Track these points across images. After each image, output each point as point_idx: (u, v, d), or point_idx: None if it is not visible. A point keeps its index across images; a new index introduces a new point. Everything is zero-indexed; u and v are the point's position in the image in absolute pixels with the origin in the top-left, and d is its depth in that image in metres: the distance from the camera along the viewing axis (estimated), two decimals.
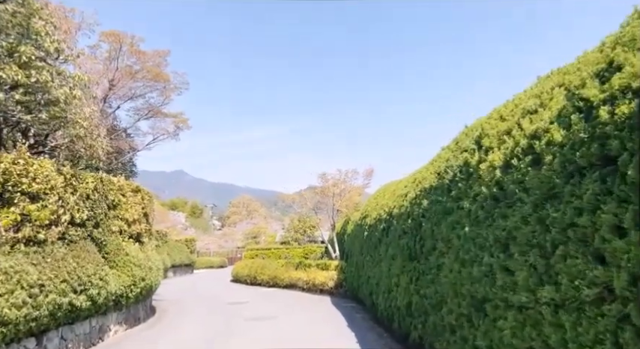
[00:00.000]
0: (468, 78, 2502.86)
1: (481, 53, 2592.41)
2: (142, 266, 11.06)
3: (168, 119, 18.02)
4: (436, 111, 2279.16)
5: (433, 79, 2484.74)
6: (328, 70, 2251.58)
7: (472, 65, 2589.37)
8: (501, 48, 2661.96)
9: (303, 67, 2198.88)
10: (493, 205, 3.68)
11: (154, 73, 15.76)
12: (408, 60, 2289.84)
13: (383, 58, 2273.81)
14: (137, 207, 11.93)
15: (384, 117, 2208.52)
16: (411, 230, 6.65)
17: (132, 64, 15.71)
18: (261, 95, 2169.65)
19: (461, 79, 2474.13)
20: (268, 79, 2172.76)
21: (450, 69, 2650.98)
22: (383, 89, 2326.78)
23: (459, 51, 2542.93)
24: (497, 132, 4.06)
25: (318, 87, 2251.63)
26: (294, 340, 8.85)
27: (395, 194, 9.06)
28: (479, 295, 3.83)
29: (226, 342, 8.99)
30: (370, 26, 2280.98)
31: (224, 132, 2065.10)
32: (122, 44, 14.69)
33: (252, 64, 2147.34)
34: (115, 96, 15.82)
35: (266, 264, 22.61)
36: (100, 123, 10.80)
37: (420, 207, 6.22)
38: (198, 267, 46.03)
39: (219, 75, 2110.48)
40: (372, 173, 19.02)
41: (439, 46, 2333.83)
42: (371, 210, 11.51)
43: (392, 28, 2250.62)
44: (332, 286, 16.90)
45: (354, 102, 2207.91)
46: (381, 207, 10.08)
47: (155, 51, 16.21)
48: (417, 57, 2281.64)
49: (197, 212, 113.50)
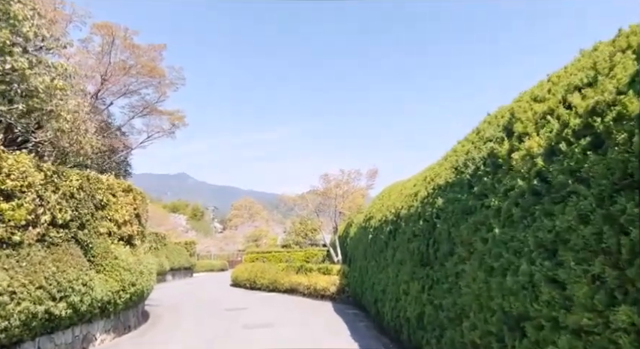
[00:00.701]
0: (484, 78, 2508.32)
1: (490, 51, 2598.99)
2: (132, 270, 10.40)
3: (164, 117, 17.31)
4: (445, 112, 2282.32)
5: (446, 79, 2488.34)
6: (333, 70, 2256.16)
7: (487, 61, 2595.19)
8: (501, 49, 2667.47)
9: (309, 67, 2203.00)
10: (533, 201, 3.01)
11: (149, 67, 15.05)
12: (414, 60, 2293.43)
13: (386, 58, 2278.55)
14: (128, 207, 11.28)
15: (393, 118, 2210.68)
16: (422, 232, 5.97)
17: (125, 58, 15.05)
18: (267, 97, 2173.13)
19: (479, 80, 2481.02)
20: (274, 80, 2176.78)
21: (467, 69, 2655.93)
22: (391, 90, 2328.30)
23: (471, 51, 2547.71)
24: (532, 115, 3.39)
25: (324, 88, 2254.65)
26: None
27: (403, 194, 8.38)
28: (514, 311, 3.15)
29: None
30: (372, 27, 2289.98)
31: (228, 135, 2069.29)
32: (115, 37, 14.01)
33: (256, 64, 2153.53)
34: (108, 93, 15.18)
35: (266, 268, 21.92)
36: (89, 118, 10.14)
37: (433, 207, 5.54)
38: (198, 271, 45.33)
39: (222, 76, 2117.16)
40: (376, 174, 18.36)
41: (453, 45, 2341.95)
42: (376, 212, 10.84)
43: (393, 27, 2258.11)
44: (334, 291, 16.20)
45: (360, 103, 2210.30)
46: (387, 208, 9.41)
47: (150, 45, 15.54)
48: (422, 57, 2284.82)
49: (198, 214, 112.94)
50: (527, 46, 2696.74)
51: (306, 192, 20.37)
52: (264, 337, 9.65)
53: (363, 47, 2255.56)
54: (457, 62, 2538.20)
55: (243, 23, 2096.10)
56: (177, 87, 16.90)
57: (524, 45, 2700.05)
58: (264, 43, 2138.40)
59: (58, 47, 8.88)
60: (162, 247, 34.29)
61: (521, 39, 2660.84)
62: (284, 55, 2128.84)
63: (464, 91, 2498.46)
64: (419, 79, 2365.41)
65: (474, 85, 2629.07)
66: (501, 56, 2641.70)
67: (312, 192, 19.50)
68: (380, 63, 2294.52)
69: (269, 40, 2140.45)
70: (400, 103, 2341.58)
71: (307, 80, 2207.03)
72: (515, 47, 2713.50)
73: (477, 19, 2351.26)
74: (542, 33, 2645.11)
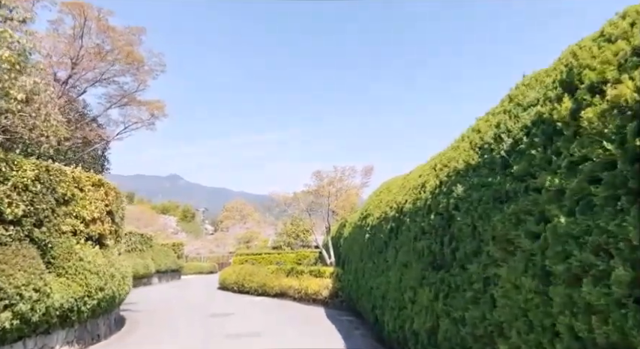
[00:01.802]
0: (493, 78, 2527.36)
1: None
2: (100, 273, 9.25)
3: (142, 107, 15.94)
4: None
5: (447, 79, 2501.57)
6: (330, 74, 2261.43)
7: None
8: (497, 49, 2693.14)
9: (304, 68, 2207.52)
10: (633, 172, 1.99)
11: (126, 51, 13.73)
12: (415, 60, 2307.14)
13: (388, 59, 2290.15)
14: (99, 203, 10.14)
15: (391, 118, 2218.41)
16: (434, 228, 4.95)
17: (101, 42, 13.75)
18: (262, 98, 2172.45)
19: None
20: (269, 81, 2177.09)
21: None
22: (391, 89, 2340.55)
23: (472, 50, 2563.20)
24: (613, 55, 2.38)
25: (319, 91, 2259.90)
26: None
27: (405, 187, 7.37)
28: (600, 337, 2.12)
29: None
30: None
31: (221, 136, 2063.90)
32: (87, 18, 12.67)
33: (251, 65, 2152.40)
34: (82, 80, 13.88)
35: (254, 271, 20.81)
36: (54, 104, 9.00)
37: (449, 197, 4.53)
38: (186, 273, 44.02)
39: (217, 76, 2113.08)
40: (371, 171, 17.34)
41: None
42: (373, 209, 9.82)
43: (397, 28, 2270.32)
44: (326, 296, 15.15)
45: (355, 105, 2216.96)
46: (386, 204, 8.39)
47: (127, 28, 14.08)
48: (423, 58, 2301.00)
49: (189, 216, 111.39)
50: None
51: (299, 191, 19.30)
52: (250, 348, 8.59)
53: (364, 49, 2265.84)
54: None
55: (243, 23, 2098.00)
56: (157, 75, 15.62)
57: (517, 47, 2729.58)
58: (264, 44, 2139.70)
59: (16, 20, 7.77)
60: (147, 249, 33.03)
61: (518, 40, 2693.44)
62: (284, 57, 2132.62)
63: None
64: (420, 81, 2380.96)
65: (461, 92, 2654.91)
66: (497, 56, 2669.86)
67: (304, 191, 18.43)
68: (383, 64, 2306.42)
69: (269, 41, 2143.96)
70: (399, 104, 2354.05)
71: (303, 82, 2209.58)
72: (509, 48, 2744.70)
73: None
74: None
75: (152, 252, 33.57)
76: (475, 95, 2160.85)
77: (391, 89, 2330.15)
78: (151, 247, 33.90)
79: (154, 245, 34.55)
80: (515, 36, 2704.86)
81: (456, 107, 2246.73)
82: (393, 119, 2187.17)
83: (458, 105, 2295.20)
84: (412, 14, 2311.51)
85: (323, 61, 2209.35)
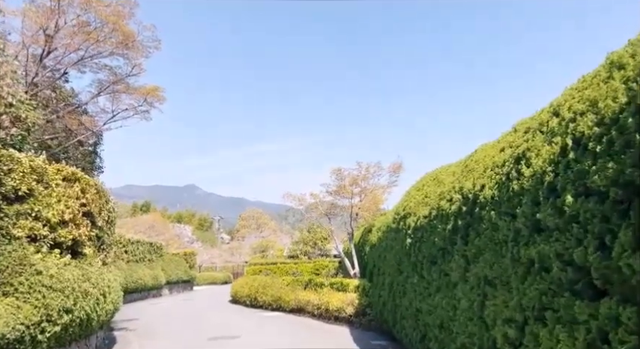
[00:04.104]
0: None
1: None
2: (66, 290, 7.22)
3: (136, 94, 13.98)
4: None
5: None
6: (344, 82, 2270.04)
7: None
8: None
9: (318, 80, 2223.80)
10: None
11: (111, 22, 11.69)
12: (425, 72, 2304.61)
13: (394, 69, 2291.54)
14: (72, 202, 8.17)
15: (409, 128, 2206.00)
16: (577, 222, 2.73)
17: (83, 13, 11.85)
18: (279, 108, 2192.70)
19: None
20: (285, 91, 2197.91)
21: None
22: (409, 101, 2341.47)
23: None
24: None
25: (336, 98, 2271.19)
26: None
27: (474, 169, 5.16)
28: None
29: None
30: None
31: (237, 146, 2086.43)
32: None
33: (267, 74, 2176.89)
34: (68, 62, 12.09)
35: (268, 283, 18.66)
36: (16, 81, 7.08)
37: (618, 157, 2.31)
38: (200, 283, 42.18)
39: (235, 87, 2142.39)
40: (400, 168, 15.05)
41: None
42: (415, 206, 7.60)
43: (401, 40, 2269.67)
44: (351, 313, 12.88)
45: (372, 113, 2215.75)
46: (439, 197, 6.18)
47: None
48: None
49: (205, 225, 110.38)
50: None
51: (317, 192, 17.11)
52: None
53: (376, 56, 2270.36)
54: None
55: (263, 35, 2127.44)
56: (151, 52, 13.59)
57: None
58: (279, 54, 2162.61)
59: None
60: (157, 258, 31.28)
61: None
62: (299, 65, 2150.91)
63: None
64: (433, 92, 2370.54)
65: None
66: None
67: (323, 192, 16.24)
68: (389, 74, 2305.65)
69: (284, 50, 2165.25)
70: (415, 115, 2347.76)
71: (319, 91, 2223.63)
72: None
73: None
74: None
75: (162, 261, 31.83)
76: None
77: (406, 100, 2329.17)
78: (161, 257, 32.16)
79: (164, 254, 32.81)
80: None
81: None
82: (417, 120, 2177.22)
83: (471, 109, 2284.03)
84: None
85: (351, 63, 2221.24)
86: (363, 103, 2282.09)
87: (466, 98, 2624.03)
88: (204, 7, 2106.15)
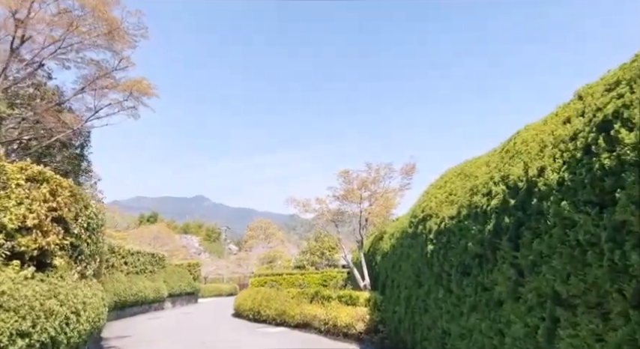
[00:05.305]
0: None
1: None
2: (22, 309, 6.08)
3: (121, 86, 12.87)
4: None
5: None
6: (355, 93, 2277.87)
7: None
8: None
9: (324, 92, 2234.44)
10: None
11: (91, 7, 10.66)
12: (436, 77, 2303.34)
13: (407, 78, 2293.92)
14: (37, 205, 7.07)
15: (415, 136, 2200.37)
16: None
17: (62, 1, 10.89)
18: (287, 118, 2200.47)
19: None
20: (292, 101, 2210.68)
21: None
22: (414, 111, 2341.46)
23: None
24: None
25: (346, 110, 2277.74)
26: None
27: (520, 153, 3.95)
28: None
29: None
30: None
31: (246, 156, 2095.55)
32: None
33: (276, 85, 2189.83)
34: (47, 53, 11.08)
35: (272, 295, 17.39)
36: None
37: None
38: (205, 295, 40.94)
39: (239, 98, 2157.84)
40: (413, 170, 13.83)
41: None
42: (437, 206, 6.38)
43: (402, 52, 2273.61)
44: (361, 330, 11.59)
45: (379, 125, 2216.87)
46: (470, 192, 4.96)
47: None
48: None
49: (212, 236, 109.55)
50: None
51: (322, 196, 15.88)
52: None
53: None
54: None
55: (280, 49, 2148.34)
56: (137, 42, 12.46)
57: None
58: (288, 65, 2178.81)
59: None
60: (159, 270, 30.12)
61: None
62: (302, 76, 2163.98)
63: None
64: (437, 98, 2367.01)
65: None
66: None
67: (329, 196, 15.02)
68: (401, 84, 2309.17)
69: (297, 63, 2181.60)
70: (412, 126, 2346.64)
71: (329, 102, 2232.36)
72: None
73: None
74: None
75: (165, 273, 30.68)
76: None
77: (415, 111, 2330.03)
78: (164, 268, 31.01)
79: (166, 266, 31.66)
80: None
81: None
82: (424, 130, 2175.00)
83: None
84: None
85: (359, 75, 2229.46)
86: (380, 108, 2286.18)
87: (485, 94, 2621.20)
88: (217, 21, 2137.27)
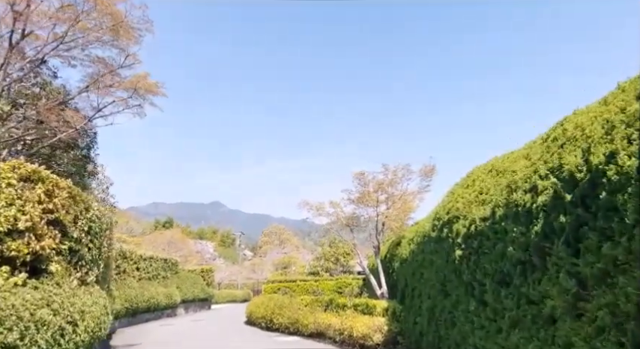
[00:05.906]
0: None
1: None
2: (8, 320, 5.57)
3: (125, 83, 12.47)
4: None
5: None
6: (373, 95, 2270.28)
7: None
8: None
9: (342, 93, 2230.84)
10: None
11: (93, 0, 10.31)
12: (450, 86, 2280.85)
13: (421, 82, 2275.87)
14: (29, 207, 6.60)
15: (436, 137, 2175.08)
16: None
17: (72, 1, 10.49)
18: (303, 124, 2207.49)
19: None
20: (302, 105, 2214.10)
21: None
22: (434, 112, 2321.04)
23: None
24: None
25: (358, 114, 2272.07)
26: None
27: (574, 139, 3.26)
28: None
29: None
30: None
31: (262, 162, 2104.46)
32: None
33: (291, 89, 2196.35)
34: (50, 49, 10.72)
35: (285, 303, 16.76)
36: None
37: None
38: (219, 301, 40.52)
39: (258, 101, 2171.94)
40: (432, 171, 13.09)
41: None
42: (465, 207, 5.68)
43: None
44: (379, 342, 10.86)
45: (398, 126, 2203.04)
46: (507, 189, 4.27)
47: None
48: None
49: (227, 241, 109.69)
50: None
51: (337, 200, 15.21)
52: None
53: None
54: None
55: (296, 50, 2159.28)
56: (143, 36, 12.04)
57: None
58: (306, 72, 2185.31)
59: None
60: (172, 276, 29.72)
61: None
62: (323, 76, 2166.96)
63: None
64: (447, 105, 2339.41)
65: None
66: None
67: (344, 199, 14.36)
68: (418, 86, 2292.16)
69: (317, 69, 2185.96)
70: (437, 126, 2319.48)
71: (339, 106, 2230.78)
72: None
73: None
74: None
75: (178, 279, 30.28)
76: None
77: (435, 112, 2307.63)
78: (177, 274, 30.63)
79: (179, 271, 31.30)
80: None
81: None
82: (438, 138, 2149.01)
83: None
84: None
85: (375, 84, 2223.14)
86: (395, 110, 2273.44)
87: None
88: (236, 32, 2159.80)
